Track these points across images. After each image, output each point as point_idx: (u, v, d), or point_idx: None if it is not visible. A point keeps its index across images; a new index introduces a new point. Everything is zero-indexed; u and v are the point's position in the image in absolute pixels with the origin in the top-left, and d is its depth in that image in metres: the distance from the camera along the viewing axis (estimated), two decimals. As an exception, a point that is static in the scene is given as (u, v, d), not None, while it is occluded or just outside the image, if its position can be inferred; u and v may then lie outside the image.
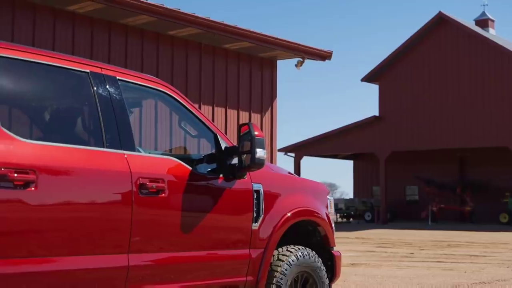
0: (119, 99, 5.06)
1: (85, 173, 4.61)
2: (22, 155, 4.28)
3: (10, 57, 4.54)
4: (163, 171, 5.14)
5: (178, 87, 12.63)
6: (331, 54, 14.25)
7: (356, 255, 19.96)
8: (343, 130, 43.48)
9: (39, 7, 10.61)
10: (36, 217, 4.33)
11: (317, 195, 6.81)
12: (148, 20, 11.65)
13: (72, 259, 4.52)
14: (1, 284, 4.15)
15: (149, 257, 5.02)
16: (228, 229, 5.70)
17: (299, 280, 6.33)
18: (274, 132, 14.23)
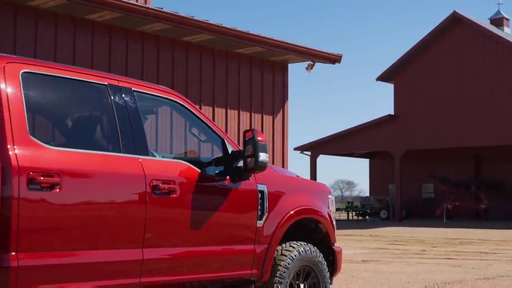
0: (134, 108, 5.59)
1: (104, 176, 5.15)
2: (48, 160, 4.82)
3: (39, 73, 5.10)
4: (175, 173, 5.67)
5: (193, 91, 13.17)
6: (341, 57, 14.75)
7: (368, 252, 20.38)
8: (358, 129, 43.89)
9: (60, 16, 11.21)
10: (61, 216, 4.87)
11: (319, 195, 7.32)
12: (164, 27, 12.21)
13: (92, 253, 5.06)
14: (31, 274, 4.69)
15: (161, 252, 5.55)
16: (234, 226, 6.22)
17: (301, 273, 6.84)
18: (286, 133, 14.75)
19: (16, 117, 4.75)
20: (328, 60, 14.81)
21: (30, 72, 5.02)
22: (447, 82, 40.42)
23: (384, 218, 45.50)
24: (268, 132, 14.51)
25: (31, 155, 4.74)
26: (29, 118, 4.86)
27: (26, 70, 4.99)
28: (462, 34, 40.57)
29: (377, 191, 49.94)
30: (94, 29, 11.65)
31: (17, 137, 4.70)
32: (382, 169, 49.54)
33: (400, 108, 42.14)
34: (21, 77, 4.92)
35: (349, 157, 52.18)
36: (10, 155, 4.61)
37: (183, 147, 7.54)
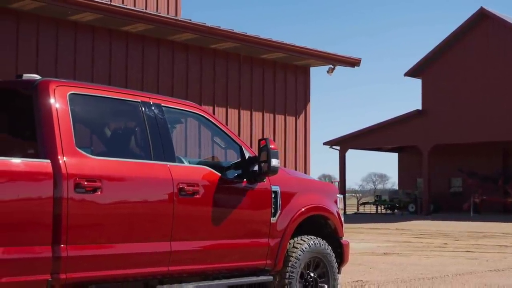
0: (163, 122, 6.54)
1: (137, 180, 6.11)
2: (91, 168, 5.79)
3: (83, 94, 6.08)
4: (198, 177, 6.62)
5: (219, 95, 14.13)
6: (360, 61, 15.60)
7: (392, 245, 21.10)
8: (386, 124, 44.52)
9: (97, 29, 12.22)
10: (101, 214, 5.84)
11: (328, 194, 8.22)
12: (192, 36, 13.17)
13: (127, 245, 6.02)
14: (77, 263, 5.65)
15: (187, 244, 6.49)
16: (250, 222, 7.15)
17: (312, 263, 7.76)
18: (308, 133, 15.63)
19: (65, 132, 5.71)
20: (347, 64, 15.66)
21: (75, 94, 5.98)
22: (475, 77, 40.86)
23: (412, 211, 46.09)
24: (291, 132, 15.39)
25: (77, 163, 5.70)
26: (75, 132, 5.82)
27: (72, 92, 5.96)
28: (489, 30, 40.95)
29: (406, 185, 50.47)
30: (128, 40, 12.65)
31: (65, 149, 5.66)
32: (411, 163, 50.05)
33: (428, 103, 42.69)
34: (68, 98, 5.88)
35: (378, 152, 52.77)
36: (60, 164, 5.57)
37: (207, 153, 8.50)
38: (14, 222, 5.28)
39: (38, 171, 5.45)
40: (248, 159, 7.08)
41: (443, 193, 47.72)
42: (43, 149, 5.62)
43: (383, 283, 11.60)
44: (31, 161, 5.51)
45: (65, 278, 5.54)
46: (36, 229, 5.42)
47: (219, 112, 14.00)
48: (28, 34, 11.43)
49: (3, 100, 6.24)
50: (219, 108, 14.02)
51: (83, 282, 5.74)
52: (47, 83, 5.84)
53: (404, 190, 48.89)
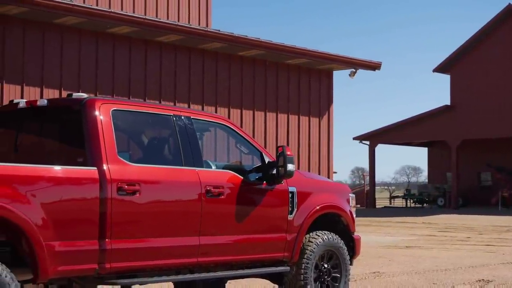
0: (192, 132, 7.53)
1: (170, 183, 7.11)
2: (130, 173, 6.79)
3: (124, 110, 7.08)
4: (223, 180, 7.60)
5: (248, 99, 15.11)
6: (380, 64, 16.47)
7: (415, 239, 21.84)
8: (416, 119, 45.11)
9: (134, 40, 13.27)
10: (140, 213, 6.84)
11: (341, 194, 9.16)
12: (221, 45, 14.16)
13: (162, 240, 7.01)
14: (119, 255, 6.64)
15: (213, 239, 7.47)
16: (269, 219, 8.11)
17: (326, 256, 8.69)
18: (331, 133, 16.54)
19: (108, 143, 6.72)
20: (369, 68, 16.53)
21: (117, 110, 6.99)
22: (503, 73, 41.26)
23: (441, 205, 46.60)
24: (315, 132, 16.32)
25: (118, 170, 6.70)
26: (117, 143, 6.82)
27: (115, 108, 6.96)
28: (517, 26, 41.35)
29: (436, 179, 50.95)
30: (161, 49, 13.69)
31: (109, 157, 6.66)
32: (441, 158, 50.50)
33: (456, 98, 43.21)
34: (111, 113, 6.88)
35: (407, 146, 53.34)
36: (104, 171, 6.58)
37: (234, 157, 9.47)
38: (67, 220, 6.30)
39: (86, 177, 6.47)
40: (267, 164, 8.03)
41: (472, 187, 48.13)
42: (90, 158, 6.62)
43: (398, 274, 12.48)
44: (81, 168, 6.53)
45: (109, 267, 6.55)
46: (86, 226, 6.44)
47: (246, 115, 14.97)
48: (71, 47, 12.51)
49: (56, 116, 7.28)
50: (246, 111, 14.99)
51: (124, 270, 6.75)
52: (93, 101, 6.84)
53: (433, 184, 49.41)
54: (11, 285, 5.81)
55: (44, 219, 6.08)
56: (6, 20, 11.70)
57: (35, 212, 6.04)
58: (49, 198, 6.18)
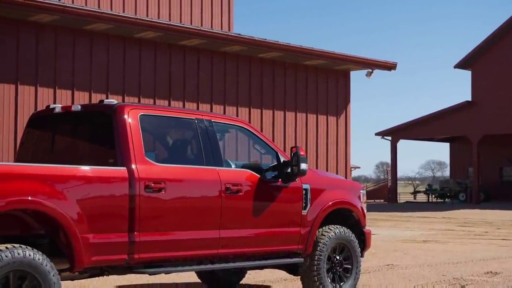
0: (213, 134, 8.19)
1: (193, 182, 7.78)
2: (156, 173, 7.46)
3: (150, 114, 7.75)
4: (241, 178, 8.25)
5: (267, 99, 15.77)
6: (396, 65, 17.03)
7: (434, 233, 22.30)
8: (437, 114, 45.47)
9: (159, 44, 13.99)
10: (165, 208, 7.50)
11: (352, 190, 9.78)
12: (242, 48, 14.85)
13: (185, 233, 7.67)
14: (146, 246, 7.31)
15: (232, 232, 8.12)
16: (284, 214, 8.74)
17: (337, 248, 9.32)
18: (348, 131, 17.16)
19: (136, 145, 7.39)
20: (384, 68, 17.11)
21: (144, 114, 7.67)
22: (524, 68, 41.53)
23: (462, 200, 46.91)
24: (333, 130, 16.95)
25: (146, 169, 7.37)
26: (144, 145, 7.49)
27: (142, 113, 7.64)
28: (539, 21, 41.55)
29: (458, 174, 51.24)
30: (185, 52, 14.39)
31: (137, 158, 7.34)
32: (462, 153, 50.80)
33: (477, 94, 43.51)
34: (139, 118, 7.56)
35: (429, 142, 53.65)
36: (133, 170, 7.26)
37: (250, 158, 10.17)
38: (100, 215, 6.98)
39: (117, 176, 7.15)
40: (282, 163, 8.68)
41: (494, 182, 48.36)
42: (120, 159, 7.29)
43: (410, 267, 13.06)
44: (112, 168, 7.21)
45: (138, 258, 7.23)
46: (116, 220, 7.11)
47: (266, 114, 15.62)
48: (100, 52, 13.25)
49: (89, 120, 7.98)
50: (266, 111, 15.64)
51: (151, 261, 7.44)
52: (123, 107, 7.52)
53: (455, 179, 49.71)
54: (51, 272, 6.49)
55: (79, 214, 6.75)
56: (39, 28, 12.46)
57: (72, 208, 6.71)
58: (83, 195, 6.85)
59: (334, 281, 9.22)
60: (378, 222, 28.11)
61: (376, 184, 79.11)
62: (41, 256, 6.47)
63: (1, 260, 6.16)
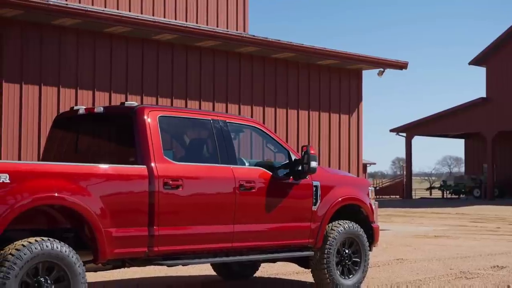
0: (227, 134, 8.65)
1: (208, 179, 8.24)
2: (174, 171, 7.91)
3: (169, 116, 8.22)
4: (254, 176, 8.70)
5: (281, 98, 16.22)
6: (407, 64, 17.46)
7: (446, 229, 22.62)
8: (451, 111, 45.72)
9: (176, 45, 14.48)
10: (182, 204, 7.95)
11: (361, 187, 10.21)
12: (256, 49, 15.31)
13: (202, 227, 8.12)
14: (165, 239, 7.78)
15: (246, 227, 8.56)
16: (295, 210, 9.18)
17: (346, 242, 9.76)
18: (360, 129, 17.60)
19: (155, 145, 7.85)
20: (396, 67, 17.53)
21: (163, 116, 8.14)
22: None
23: (477, 196, 47.13)
24: (345, 128, 17.40)
25: (164, 168, 7.84)
26: (163, 144, 7.96)
27: (161, 115, 8.11)
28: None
29: (473, 170, 51.43)
30: (201, 53, 14.88)
31: (156, 157, 7.80)
32: (477, 149, 51.02)
33: (492, 91, 43.72)
34: (158, 119, 8.02)
35: (444, 138, 53.87)
36: (152, 168, 7.72)
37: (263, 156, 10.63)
38: (122, 210, 7.45)
39: (137, 174, 7.62)
40: (293, 161, 9.13)
41: (508, 178, 48.50)
42: (140, 158, 7.76)
43: (419, 261, 13.47)
44: (132, 166, 7.69)
45: (157, 250, 7.70)
46: (137, 215, 7.58)
47: (280, 113, 16.08)
48: (119, 53, 13.76)
49: (111, 121, 8.46)
50: (280, 109, 16.10)
51: (170, 253, 7.91)
52: (143, 109, 7.99)
53: (469, 175, 49.93)
54: (77, 264, 6.98)
55: (102, 209, 7.22)
56: (61, 31, 12.97)
57: (95, 204, 7.18)
58: (106, 192, 7.32)
59: (343, 274, 9.67)
60: (392, 218, 28.46)
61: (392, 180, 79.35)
62: (68, 248, 6.93)
63: (31, 252, 6.64)
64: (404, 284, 10.56)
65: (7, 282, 6.45)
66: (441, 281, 10.89)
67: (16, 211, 6.62)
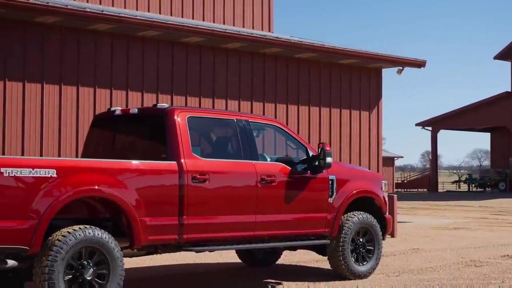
0: (250, 132, 9.47)
1: (232, 173, 9.06)
2: (202, 166, 8.74)
3: (197, 116, 9.07)
4: (275, 170, 9.52)
5: (304, 96, 17.03)
6: (425, 63, 18.21)
7: (467, 221, 23.19)
8: (477, 105, 46.10)
9: (203, 47, 15.35)
10: (209, 196, 8.75)
11: (374, 181, 10.99)
12: (280, 49, 16.15)
13: (227, 217, 8.91)
14: (193, 228, 8.61)
15: (267, 217, 9.34)
16: (313, 202, 9.98)
17: (361, 231, 10.55)
18: (380, 125, 18.36)
19: (185, 143, 8.70)
20: (414, 65, 18.27)
21: (192, 116, 8.99)
22: None
23: (502, 190, 47.45)
24: (365, 124, 18.18)
25: (192, 163, 8.67)
26: (191, 142, 8.80)
27: (190, 115, 8.95)
28: None
29: (499, 164, 51.70)
30: (228, 55, 15.74)
31: (185, 154, 8.64)
32: (503, 143, 51.27)
33: (517, 85, 44.06)
34: (187, 119, 8.86)
35: (470, 132, 54.17)
36: (182, 163, 8.56)
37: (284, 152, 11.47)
38: (155, 201, 8.28)
39: (168, 169, 8.46)
40: (311, 157, 9.94)
41: (535, 172, 48.77)
42: (171, 154, 8.60)
43: (434, 250, 14.20)
44: (164, 162, 8.55)
45: (186, 238, 8.54)
46: (168, 206, 8.40)
47: (302, 110, 16.89)
48: (151, 55, 14.68)
49: (144, 121, 9.33)
50: (302, 107, 16.91)
51: (198, 240, 8.75)
52: (173, 110, 8.85)
53: (495, 169, 50.23)
54: (115, 249, 7.84)
55: (138, 201, 8.05)
56: (97, 36, 13.91)
57: (131, 196, 8.01)
58: (141, 185, 8.14)
59: (357, 261, 10.48)
60: (416, 211, 29.10)
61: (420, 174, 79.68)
62: (107, 235, 7.77)
63: (75, 238, 7.53)
64: (416, 270, 11.32)
65: (55, 264, 7.34)
66: (451, 268, 11.62)
67: (62, 202, 7.47)
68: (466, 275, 10.88)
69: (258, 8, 20.35)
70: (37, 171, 7.32)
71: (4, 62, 12.92)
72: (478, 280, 10.34)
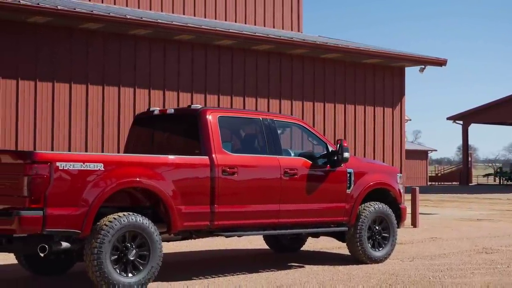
0: (274, 130, 10.49)
1: (259, 167, 10.07)
2: (231, 160, 9.76)
3: (227, 116, 10.12)
4: (297, 164, 10.51)
5: (329, 95, 18.05)
6: (446, 61, 19.07)
7: (491, 213, 23.74)
8: (508, 99, 46.42)
9: (235, 49, 16.45)
10: (238, 187, 9.75)
11: (390, 174, 11.94)
12: (306, 51, 17.17)
13: (253, 206, 9.92)
14: (222, 215, 9.64)
15: (290, 206, 10.31)
16: (332, 193, 10.94)
17: (377, 220, 11.50)
18: (403, 121, 19.30)
19: (216, 139, 9.73)
20: (436, 64, 19.17)
21: (222, 116, 10.03)
22: None
23: (532, 183, 47.79)
24: (389, 120, 19.13)
25: (223, 158, 9.71)
26: (221, 139, 9.85)
27: (220, 115, 10.00)
28: None
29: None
30: (257, 56, 16.82)
31: (216, 149, 9.68)
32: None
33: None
34: (218, 119, 9.91)
35: (502, 125, 54.42)
36: (213, 158, 9.60)
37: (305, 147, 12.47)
38: (189, 192, 9.31)
39: (201, 163, 9.51)
40: (330, 152, 10.93)
41: None
42: (203, 150, 9.64)
43: (450, 239, 15.05)
44: (197, 157, 9.62)
45: (217, 224, 9.57)
46: (201, 196, 9.42)
47: (328, 108, 17.89)
48: (185, 58, 15.80)
49: (180, 120, 10.41)
50: (328, 104, 17.92)
51: (227, 226, 9.80)
52: (205, 110, 9.91)
53: (526, 163, 50.61)
54: (155, 233, 8.89)
55: (174, 191, 9.08)
56: (136, 40, 15.07)
57: (169, 187, 9.04)
58: (177, 177, 9.16)
59: (374, 247, 11.43)
60: (443, 203, 29.72)
61: (454, 167, 79.80)
62: (147, 221, 8.81)
63: (120, 223, 8.59)
64: (429, 257, 12.24)
65: (103, 246, 8.43)
66: (463, 255, 12.49)
67: (109, 192, 8.52)
68: (475, 260, 11.75)
69: (288, 9, 21.33)
70: (87, 165, 8.40)
71: (52, 64, 14.12)
72: (485, 265, 11.21)
